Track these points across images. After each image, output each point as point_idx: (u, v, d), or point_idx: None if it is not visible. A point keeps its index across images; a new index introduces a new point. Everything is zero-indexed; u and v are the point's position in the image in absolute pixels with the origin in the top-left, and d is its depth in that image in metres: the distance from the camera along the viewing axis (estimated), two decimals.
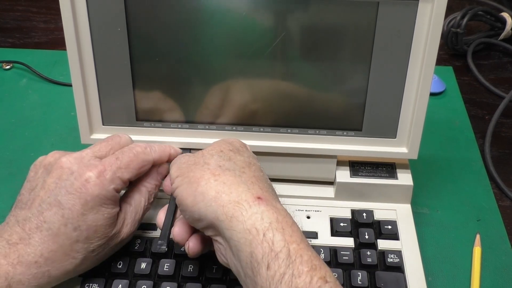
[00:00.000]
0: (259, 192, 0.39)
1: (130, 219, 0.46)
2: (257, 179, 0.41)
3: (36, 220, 0.42)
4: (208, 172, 0.40)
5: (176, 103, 0.51)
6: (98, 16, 0.47)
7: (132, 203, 0.47)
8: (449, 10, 0.46)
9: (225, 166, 0.41)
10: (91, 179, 0.43)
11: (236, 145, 0.45)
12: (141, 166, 0.46)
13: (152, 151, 0.47)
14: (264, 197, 0.38)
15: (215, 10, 0.46)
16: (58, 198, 0.42)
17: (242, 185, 0.39)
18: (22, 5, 0.93)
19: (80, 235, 0.42)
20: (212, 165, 0.41)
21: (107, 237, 0.44)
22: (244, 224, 0.36)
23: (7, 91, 0.73)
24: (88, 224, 0.42)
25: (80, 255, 0.43)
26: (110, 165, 0.44)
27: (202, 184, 0.39)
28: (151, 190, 0.48)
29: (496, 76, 0.78)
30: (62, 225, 0.42)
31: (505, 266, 0.51)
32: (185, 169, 0.42)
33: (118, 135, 0.48)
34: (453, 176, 0.61)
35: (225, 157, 0.42)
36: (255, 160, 0.44)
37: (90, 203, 0.42)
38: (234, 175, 0.40)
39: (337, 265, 0.48)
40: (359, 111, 0.50)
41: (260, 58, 0.48)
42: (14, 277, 0.40)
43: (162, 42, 0.48)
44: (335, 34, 0.47)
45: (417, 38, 0.46)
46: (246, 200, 0.37)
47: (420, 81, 0.48)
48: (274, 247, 0.35)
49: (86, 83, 0.50)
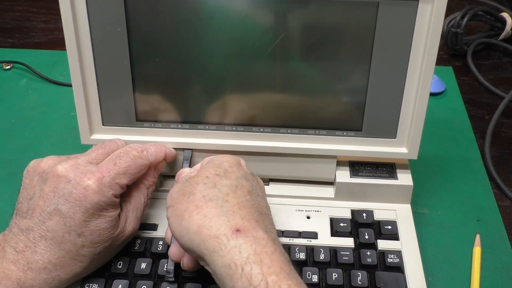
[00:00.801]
0: (239, 223, 0.38)
1: (132, 217, 0.47)
2: (240, 206, 0.40)
3: (39, 229, 0.42)
4: (192, 205, 0.40)
5: (176, 104, 0.51)
6: (98, 16, 0.47)
7: (132, 202, 0.47)
8: (449, 10, 0.46)
9: (208, 195, 0.40)
10: (90, 187, 0.42)
11: (225, 166, 0.43)
12: (138, 170, 0.46)
13: (149, 154, 0.47)
14: (243, 228, 0.38)
15: (215, 10, 0.46)
16: (58, 207, 0.42)
17: (222, 217, 0.38)
18: (22, 5, 0.93)
19: (85, 240, 0.43)
20: (197, 195, 0.41)
21: (112, 238, 0.44)
22: (223, 258, 0.36)
23: (7, 91, 0.73)
24: (91, 230, 0.43)
25: (87, 258, 0.43)
26: (108, 171, 0.44)
27: (186, 217, 0.40)
28: (149, 186, 0.48)
29: (496, 76, 0.78)
30: (66, 233, 0.42)
31: (505, 266, 0.51)
32: (175, 199, 0.42)
33: (114, 141, 0.48)
34: (453, 176, 0.61)
35: (210, 184, 0.41)
36: (244, 180, 0.43)
37: (90, 210, 0.42)
38: (216, 206, 0.39)
39: (337, 265, 0.48)
40: (359, 111, 0.50)
41: (260, 58, 0.48)
42: (26, 282, 0.41)
43: (162, 42, 0.48)
44: (335, 34, 0.47)
45: (417, 38, 0.46)
46: (225, 234, 0.37)
47: (420, 81, 0.48)
48: (252, 281, 0.35)
49: (86, 84, 0.50)
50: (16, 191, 0.46)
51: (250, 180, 0.43)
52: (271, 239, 0.38)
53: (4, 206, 0.56)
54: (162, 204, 0.53)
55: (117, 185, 0.44)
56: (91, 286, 0.46)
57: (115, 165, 0.44)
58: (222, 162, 0.44)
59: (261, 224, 0.39)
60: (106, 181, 0.43)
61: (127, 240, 0.47)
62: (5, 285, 0.41)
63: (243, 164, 0.46)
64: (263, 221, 0.40)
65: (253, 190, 0.42)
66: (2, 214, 0.55)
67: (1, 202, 0.57)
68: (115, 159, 0.45)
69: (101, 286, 0.46)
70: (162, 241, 0.49)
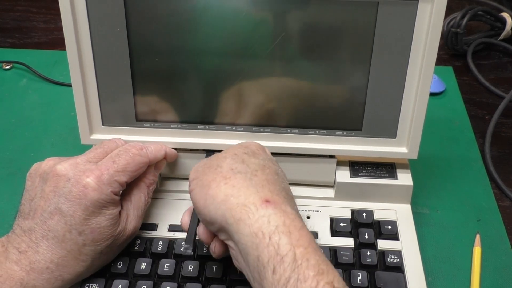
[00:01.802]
0: (268, 195, 0.38)
1: (133, 216, 0.47)
2: (269, 182, 0.40)
3: (41, 229, 0.42)
4: (220, 175, 0.40)
5: (175, 104, 0.51)
6: (98, 16, 0.47)
7: (133, 200, 0.47)
8: (449, 10, 0.46)
9: (237, 169, 0.41)
10: (89, 184, 0.43)
11: (252, 148, 0.44)
12: (137, 168, 0.46)
13: (148, 152, 0.47)
14: (272, 200, 0.38)
15: (215, 10, 0.46)
16: (59, 206, 0.42)
17: (251, 188, 0.39)
18: (22, 5, 0.93)
19: (86, 239, 0.43)
20: (225, 167, 0.41)
21: (113, 237, 0.44)
22: (250, 227, 0.36)
23: (7, 91, 0.73)
24: (92, 228, 0.43)
25: (89, 257, 0.44)
26: (107, 169, 0.44)
27: (213, 187, 0.40)
28: (149, 185, 0.49)
29: (496, 76, 0.78)
30: (67, 231, 0.42)
31: (505, 266, 0.51)
32: (200, 172, 0.42)
33: (113, 141, 0.48)
34: (453, 176, 0.61)
35: (238, 160, 0.42)
36: (271, 162, 0.44)
37: (90, 208, 0.42)
38: (244, 178, 0.40)
39: (337, 265, 0.48)
40: (359, 111, 0.50)
41: (260, 58, 0.48)
42: (29, 282, 0.41)
43: (162, 42, 0.48)
44: (335, 34, 0.47)
45: (417, 38, 0.46)
46: (254, 203, 0.37)
47: (420, 81, 0.48)
48: (279, 250, 0.34)
49: (86, 84, 0.50)
50: (16, 191, 0.46)
51: (276, 164, 0.44)
52: (299, 216, 0.38)
53: (4, 206, 0.56)
54: (162, 204, 0.53)
55: (116, 183, 0.44)
56: (91, 286, 0.46)
57: (114, 162, 0.45)
58: (250, 145, 0.45)
59: (289, 202, 0.40)
60: (105, 178, 0.43)
61: (129, 239, 0.47)
62: (9, 285, 0.41)
63: (267, 152, 0.46)
64: (290, 200, 0.40)
65: (279, 173, 0.43)
66: (2, 214, 0.55)
67: (1, 202, 0.57)
68: (114, 157, 0.45)
69: (101, 286, 0.46)
70: (162, 241, 0.49)
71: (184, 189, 0.54)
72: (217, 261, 0.47)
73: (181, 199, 0.53)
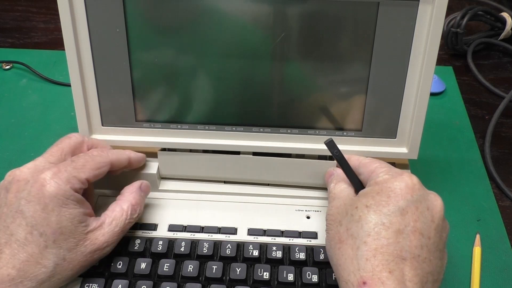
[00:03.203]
0: (367, 275, 0.37)
1: (108, 229, 0.45)
2: (377, 252, 0.37)
3: (4, 235, 0.42)
4: (337, 237, 0.40)
5: (175, 104, 0.51)
6: (97, 16, 0.47)
7: (111, 215, 0.46)
8: (449, 10, 0.46)
9: (351, 230, 0.39)
10: (46, 181, 0.42)
11: (388, 192, 0.40)
12: (97, 167, 0.46)
13: (110, 154, 0.48)
14: (369, 283, 0.36)
15: (214, 10, 0.46)
16: (20, 208, 0.42)
17: (355, 262, 0.38)
18: (22, 5, 0.93)
19: (48, 240, 0.42)
20: (343, 226, 0.40)
21: (77, 240, 0.43)
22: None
23: (7, 91, 0.73)
24: (53, 228, 0.42)
25: (51, 262, 0.42)
26: (65, 166, 0.44)
27: (332, 245, 0.41)
28: (134, 205, 0.47)
29: (496, 76, 0.78)
30: (28, 233, 0.42)
31: (505, 266, 0.51)
32: (330, 221, 0.43)
33: (67, 136, 0.49)
34: (453, 176, 0.61)
35: (355, 216, 0.40)
36: (400, 215, 0.39)
37: (50, 205, 0.42)
38: (352, 247, 0.38)
39: None
40: (359, 111, 0.50)
41: (259, 58, 0.48)
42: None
43: (161, 43, 0.48)
44: (335, 34, 0.47)
45: (417, 38, 0.46)
46: (352, 283, 0.37)
47: (420, 81, 0.48)
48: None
49: (85, 84, 0.50)
50: None
51: (411, 212, 0.39)
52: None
53: None
54: (162, 204, 0.53)
55: (75, 179, 0.44)
56: (91, 286, 0.46)
57: (72, 161, 0.45)
58: (391, 188, 0.41)
59: (395, 275, 0.36)
60: (63, 175, 0.43)
61: (98, 254, 0.45)
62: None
63: (417, 186, 0.42)
64: (401, 269, 0.37)
65: (406, 227, 0.39)
66: None
67: None
68: (73, 159, 0.46)
69: (101, 286, 0.46)
70: (162, 241, 0.49)
71: (184, 189, 0.54)
72: (217, 261, 0.47)
73: (181, 199, 0.53)
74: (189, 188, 0.54)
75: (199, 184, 0.54)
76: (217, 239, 0.49)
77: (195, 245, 0.49)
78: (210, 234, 0.50)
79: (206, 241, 0.48)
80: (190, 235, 0.50)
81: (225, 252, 0.48)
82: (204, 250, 0.48)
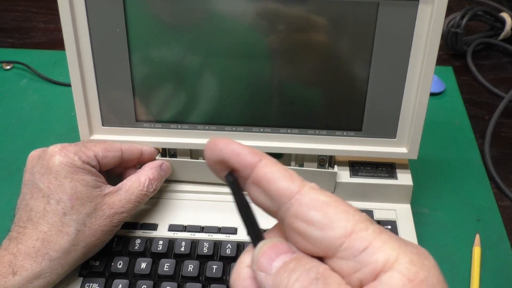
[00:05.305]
0: None
1: (124, 196, 0.47)
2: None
3: (25, 213, 0.44)
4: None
5: (175, 104, 0.51)
6: (97, 17, 0.47)
7: (128, 183, 0.48)
8: (449, 10, 0.46)
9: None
10: (55, 151, 0.45)
11: None
12: (107, 149, 0.48)
13: (122, 145, 0.50)
14: None
15: (214, 10, 0.46)
16: (35, 182, 0.44)
17: None
18: (22, 5, 0.93)
19: (65, 207, 0.44)
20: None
21: (93, 204, 0.45)
22: None
23: (7, 91, 0.73)
24: (68, 193, 0.44)
25: (72, 229, 0.43)
26: (75, 143, 0.47)
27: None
28: (152, 179, 0.49)
29: (495, 76, 0.78)
30: (46, 204, 0.43)
31: (505, 266, 0.51)
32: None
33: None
34: (453, 176, 0.61)
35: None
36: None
37: (61, 173, 0.44)
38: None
39: None
40: (359, 111, 0.50)
41: (259, 58, 0.48)
42: (17, 263, 0.42)
43: (161, 43, 0.48)
44: (335, 34, 0.47)
45: (417, 38, 0.46)
46: None
47: (420, 81, 0.48)
48: None
49: (86, 84, 0.50)
50: (16, 191, 0.46)
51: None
52: None
53: (4, 206, 0.56)
54: (162, 204, 0.53)
55: (82, 152, 0.46)
56: (91, 286, 0.46)
57: (83, 141, 0.48)
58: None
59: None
60: (71, 148, 0.46)
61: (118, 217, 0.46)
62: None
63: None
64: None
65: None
66: (2, 214, 0.55)
67: (1, 202, 0.57)
68: (85, 142, 0.50)
69: (101, 286, 0.46)
70: (162, 240, 0.49)
71: (184, 189, 0.54)
72: (217, 261, 0.47)
73: (181, 199, 0.53)
74: (189, 188, 0.54)
75: (199, 184, 0.54)
76: (217, 239, 0.49)
77: (195, 245, 0.49)
78: (210, 234, 0.50)
79: (206, 241, 0.48)
80: (190, 235, 0.50)
81: (225, 252, 0.48)
82: (204, 250, 0.48)
